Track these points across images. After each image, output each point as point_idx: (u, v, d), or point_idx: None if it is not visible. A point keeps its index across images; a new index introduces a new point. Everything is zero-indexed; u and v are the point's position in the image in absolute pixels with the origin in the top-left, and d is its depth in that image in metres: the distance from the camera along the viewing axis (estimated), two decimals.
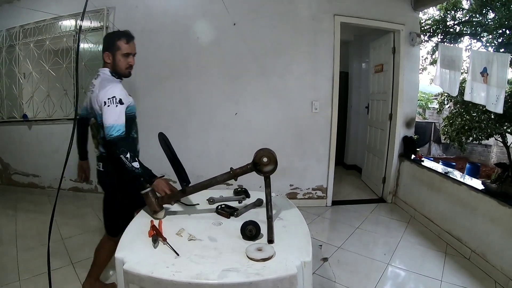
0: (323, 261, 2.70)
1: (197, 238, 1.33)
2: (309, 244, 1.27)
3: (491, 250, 2.69)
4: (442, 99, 6.83)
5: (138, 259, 1.18)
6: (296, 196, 3.87)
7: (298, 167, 3.82)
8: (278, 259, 1.16)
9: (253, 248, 1.23)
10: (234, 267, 1.10)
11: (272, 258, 1.18)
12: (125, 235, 1.39)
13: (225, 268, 1.10)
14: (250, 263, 1.12)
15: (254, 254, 1.19)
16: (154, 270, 1.11)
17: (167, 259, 1.18)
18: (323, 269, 2.58)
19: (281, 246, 1.26)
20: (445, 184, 3.33)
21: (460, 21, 7.02)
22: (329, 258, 2.74)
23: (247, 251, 1.21)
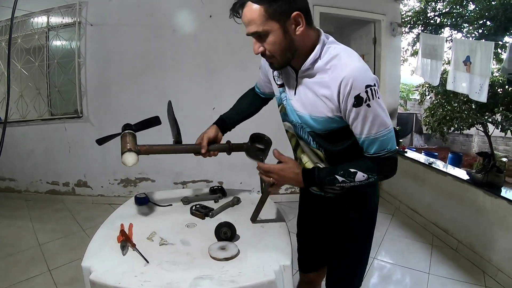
0: None
1: (169, 242, 1.24)
2: (289, 246, 1.20)
3: (478, 240, 2.67)
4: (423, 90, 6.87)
5: (106, 268, 1.09)
6: (278, 191, 3.77)
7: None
8: (255, 264, 1.08)
9: (216, 247, 1.16)
10: (207, 274, 1.02)
11: (236, 257, 1.12)
12: (93, 241, 1.29)
13: (197, 275, 1.01)
14: (225, 270, 1.04)
15: (216, 253, 1.13)
16: (122, 279, 1.02)
17: (136, 267, 1.09)
18: None
19: (259, 249, 1.18)
20: (430, 175, 3.31)
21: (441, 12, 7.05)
22: None
23: (209, 250, 1.14)
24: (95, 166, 3.97)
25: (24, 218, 3.63)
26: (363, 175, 1.09)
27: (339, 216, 1.34)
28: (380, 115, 1.03)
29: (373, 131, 1.04)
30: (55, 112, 3.98)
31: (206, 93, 3.70)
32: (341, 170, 1.12)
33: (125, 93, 3.73)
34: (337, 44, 1.11)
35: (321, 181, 1.15)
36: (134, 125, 1.49)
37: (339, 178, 1.11)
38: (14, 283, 2.41)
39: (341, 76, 1.01)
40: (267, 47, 1.06)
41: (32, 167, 4.12)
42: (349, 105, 1.02)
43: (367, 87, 0.99)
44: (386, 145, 1.06)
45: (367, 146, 1.08)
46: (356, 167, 1.10)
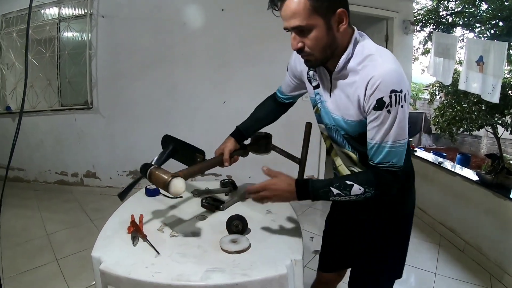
0: (314, 253, 2.64)
1: (180, 234, 1.24)
2: (300, 240, 1.19)
3: (485, 242, 2.64)
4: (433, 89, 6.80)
5: (116, 259, 1.09)
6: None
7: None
8: (267, 257, 1.08)
9: (227, 240, 1.16)
10: (218, 267, 1.02)
11: (248, 250, 1.12)
12: (103, 231, 1.30)
13: (209, 268, 1.01)
14: (236, 263, 1.04)
15: (228, 246, 1.12)
16: (132, 271, 1.02)
17: (146, 258, 1.09)
18: (315, 262, 2.49)
19: (270, 242, 1.18)
20: (439, 174, 3.28)
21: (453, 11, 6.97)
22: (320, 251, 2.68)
23: (221, 242, 1.14)
24: (104, 157, 3.99)
25: (32, 208, 3.66)
26: (359, 188, 1.03)
27: (370, 220, 1.30)
28: (399, 125, 0.97)
29: (386, 139, 0.99)
30: (65, 103, 4.00)
31: (216, 87, 3.69)
32: (337, 182, 1.06)
33: (135, 86, 3.74)
34: (370, 43, 1.05)
35: (315, 193, 1.07)
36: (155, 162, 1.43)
37: (334, 191, 1.05)
38: (21, 272, 2.43)
39: (369, 76, 0.97)
40: (307, 43, 1.01)
41: (41, 158, 4.14)
42: (370, 106, 0.98)
43: (393, 92, 0.93)
44: (393, 158, 1.01)
45: (373, 153, 1.03)
46: (353, 180, 1.04)
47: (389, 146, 0.99)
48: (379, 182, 1.03)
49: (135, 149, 3.87)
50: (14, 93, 4.01)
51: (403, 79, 0.95)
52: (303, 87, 1.34)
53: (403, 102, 0.95)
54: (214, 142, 3.56)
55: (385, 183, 1.04)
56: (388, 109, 0.95)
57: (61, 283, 2.31)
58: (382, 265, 1.31)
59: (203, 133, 3.68)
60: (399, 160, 1.02)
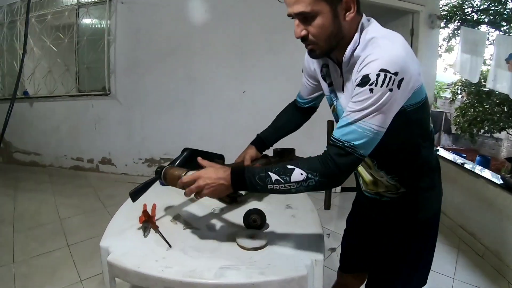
0: (330, 251, 2.56)
1: (194, 227, 1.18)
2: (322, 239, 1.11)
3: (506, 248, 2.51)
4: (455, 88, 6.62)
5: (125, 250, 1.04)
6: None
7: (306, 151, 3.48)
8: (286, 256, 1.00)
9: (244, 235, 1.09)
10: (234, 264, 0.95)
11: (265, 248, 1.05)
12: (113, 220, 1.25)
13: (223, 264, 0.94)
14: (253, 260, 0.97)
15: (244, 242, 1.05)
16: (142, 263, 0.96)
17: (157, 250, 1.03)
18: (331, 260, 2.43)
19: (289, 240, 1.10)
20: (462, 175, 3.14)
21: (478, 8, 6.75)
22: (337, 248, 2.60)
23: (237, 238, 1.07)
24: (120, 144, 3.98)
25: (46, 192, 3.67)
26: (301, 173, 0.89)
27: (387, 223, 1.19)
28: (379, 108, 0.84)
29: (357, 117, 0.86)
30: (83, 89, 4.00)
31: (236, 77, 3.60)
32: (276, 167, 0.94)
33: (153, 73, 3.69)
34: (376, 27, 0.95)
35: (251, 178, 0.94)
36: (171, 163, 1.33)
37: (272, 176, 0.91)
38: (32, 256, 2.42)
39: (366, 55, 0.88)
40: (312, 30, 0.92)
41: (57, 143, 4.16)
42: (355, 82, 0.88)
43: (382, 71, 0.82)
44: (357, 139, 0.86)
45: (338, 127, 0.90)
46: (295, 164, 0.92)
47: (357, 125, 0.86)
48: (325, 167, 0.89)
49: (151, 137, 3.84)
50: (32, 78, 4.02)
51: (404, 64, 0.83)
52: (321, 88, 1.23)
53: (394, 86, 0.83)
54: (232, 133, 3.56)
55: (333, 170, 0.89)
56: (371, 87, 0.83)
57: (71, 269, 2.29)
58: (398, 273, 1.20)
59: (221, 123, 3.63)
60: (362, 146, 0.87)
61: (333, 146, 0.89)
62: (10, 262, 2.36)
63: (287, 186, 0.91)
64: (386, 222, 1.20)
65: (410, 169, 1.08)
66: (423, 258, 1.19)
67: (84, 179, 4.08)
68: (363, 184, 1.21)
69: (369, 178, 1.16)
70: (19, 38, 3.97)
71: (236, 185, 0.97)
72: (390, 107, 0.85)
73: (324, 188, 0.96)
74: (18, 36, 3.98)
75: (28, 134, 4.26)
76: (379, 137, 0.88)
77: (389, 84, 0.82)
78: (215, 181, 0.97)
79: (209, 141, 3.66)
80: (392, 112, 0.87)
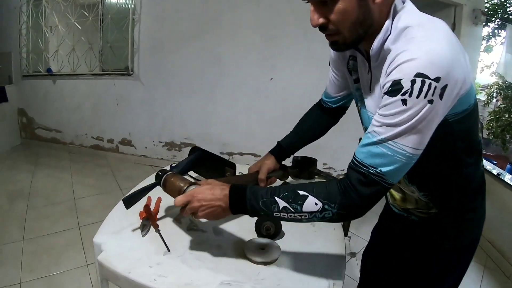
0: (350, 256, 2.40)
1: (199, 229, 1.04)
2: (343, 258, 0.96)
3: None
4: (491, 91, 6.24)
5: (119, 250, 0.92)
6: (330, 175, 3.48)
7: (333, 146, 3.29)
8: (299, 275, 0.85)
9: (254, 245, 0.94)
10: (237, 280, 0.80)
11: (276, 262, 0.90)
12: (112, 213, 1.13)
13: (224, 280, 0.80)
14: (260, 277, 0.82)
15: (253, 254, 0.91)
16: (134, 268, 0.84)
17: (153, 254, 0.90)
18: (349, 266, 2.27)
19: (305, 256, 0.95)
20: (496, 187, 2.88)
21: None
22: (357, 253, 2.44)
23: (245, 248, 0.93)
24: (140, 126, 3.90)
25: (65, 170, 3.65)
26: (315, 203, 0.73)
27: (419, 243, 0.96)
28: (414, 125, 0.65)
29: (387, 134, 0.67)
30: (106, 68, 3.93)
31: (264, 62, 3.40)
32: (285, 191, 0.77)
33: (178, 55, 3.56)
34: (411, 12, 0.73)
35: (253, 201, 0.78)
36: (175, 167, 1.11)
37: (279, 202, 0.75)
38: (42, 235, 2.39)
39: (397, 51, 0.67)
40: (332, 17, 0.72)
41: (78, 121, 4.13)
42: (383, 88, 0.68)
43: (419, 77, 0.61)
44: (384, 164, 0.68)
45: (361, 147, 0.72)
46: (309, 190, 0.75)
47: (386, 146, 0.67)
48: (345, 198, 0.72)
49: (173, 120, 3.74)
50: (56, 56, 3.98)
51: (448, 66, 0.62)
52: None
53: (435, 96, 0.62)
54: (257, 121, 3.41)
55: (353, 201, 0.72)
56: (404, 98, 0.63)
57: (79, 251, 2.23)
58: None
59: (246, 110, 3.47)
60: (392, 174, 0.69)
61: (355, 171, 0.71)
62: (20, 239, 2.33)
63: (297, 216, 0.75)
64: (412, 240, 0.98)
65: (447, 188, 0.86)
66: (446, 284, 0.99)
67: (104, 159, 4.05)
68: (390, 198, 1.02)
69: (398, 193, 0.97)
70: (45, 15, 3.93)
71: (235, 208, 0.81)
72: (429, 123, 0.65)
73: (342, 220, 0.79)
74: (43, 13, 3.93)
75: (50, 111, 4.24)
76: (414, 162, 0.69)
77: (428, 94, 0.62)
78: (210, 202, 0.82)
79: (232, 127, 3.53)
80: (431, 129, 0.67)
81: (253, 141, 3.52)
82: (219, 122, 3.57)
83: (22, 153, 4.26)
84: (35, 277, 1.96)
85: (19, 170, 3.65)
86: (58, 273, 2.01)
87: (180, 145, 3.80)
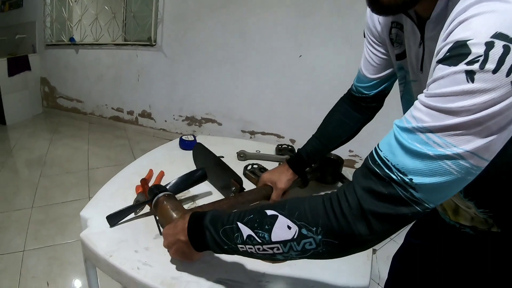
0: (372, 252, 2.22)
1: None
2: (369, 259, 0.79)
3: None
4: None
5: (104, 228, 0.79)
6: (354, 164, 3.16)
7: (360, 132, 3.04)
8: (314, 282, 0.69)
9: None
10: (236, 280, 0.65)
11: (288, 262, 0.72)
12: (108, 185, 1.01)
13: (222, 277, 0.65)
14: (265, 280, 0.66)
15: None
16: (116, 251, 0.71)
17: (142, 237, 0.77)
18: None
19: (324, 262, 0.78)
20: None
21: None
22: (378, 250, 2.26)
23: None
24: (161, 99, 3.79)
25: (82, 140, 3.61)
26: (288, 226, 0.50)
27: (473, 265, 0.72)
28: (482, 120, 0.38)
29: (434, 124, 0.41)
30: (129, 38, 3.82)
31: (293, 39, 3.15)
32: (251, 213, 0.56)
33: (202, 26, 3.38)
34: None
35: (213, 233, 0.58)
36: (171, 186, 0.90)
37: (243, 230, 0.54)
38: (51, 204, 2.33)
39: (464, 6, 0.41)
40: None
41: (99, 91, 4.06)
42: (438, 53, 0.43)
43: (501, 39, 0.36)
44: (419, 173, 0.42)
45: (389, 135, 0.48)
46: (279, 207, 0.53)
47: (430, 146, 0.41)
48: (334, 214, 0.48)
49: (195, 94, 3.59)
50: (79, 25, 3.89)
51: None
52: None
53: None
54: (283, 100, 3.20)
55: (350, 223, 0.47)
56: (470, 68, 0.38)
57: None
58: None
59: (271, 87, 3.26)
60: (428, 192, 0.43)
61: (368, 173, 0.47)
62: (29, 207, 2.28)
63: (267, 249, 0.53)
64: (463, 256, 0.75)
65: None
66: None
67: (123, 130, 3.99)
68: (438, 206, 0.77)
69: (449, 204, 0.72)
70: None
71: (196, 243, 0.62)
72: (507, 117, 0.39)
73: (334, 256, 0.51)
74: None
75: (72, 81, 4.19)
76: (472, 178, 0.43)
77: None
78: (172, 238, 0.66)
79: (255, 105, 3.35)
80: (510, 130, 0.41)
81: (277, 121, 3.33)
82: (242, 99, 3.39)
83: (43, 122, 4.25)
84: (38, 245, 1.90)
85: (38, 138, 3.63)
86: (62, 243, 1.93)
87: (200, 120, 3.67)
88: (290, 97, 3.16)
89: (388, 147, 0.45)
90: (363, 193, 0.46)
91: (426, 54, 0.58)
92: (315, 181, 1.12)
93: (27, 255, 1.83)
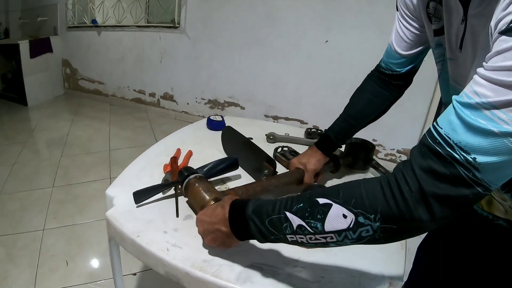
0: None
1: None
2: (403, 248, 0.74)
3: None
4: None
5: (130, 207, 0.77)
6: (376, 154, 3.11)
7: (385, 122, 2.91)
8: (349, 270, 0.65)
9: None
10: (271, 264, 0.62)
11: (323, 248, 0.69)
12: (134, 163, 0.99)
13: (255, 261, 0.63)
14: (299, 266, 0.63)
15: None
16: (144, 231, 0.68)
17: (171, 218, 0.74)
18: None
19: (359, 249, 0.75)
20: None
21: None
22: None
23: None
24: (184, 81, 3.76)
25: (104, 121, 3.63)
26: (343, 214, 0.47)
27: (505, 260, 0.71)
28: None
29: (498, 99, 0.37)
30: (152, 20, 3.78)
31: (320, 23, 3.05)
32: (300, 201, 0.52)
33: (227, 8, 3.31)
34: None
35: (257, 223, 0.55)
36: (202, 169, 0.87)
37: (292, 220, 0.51)
38: (71, 184, 2.34)
39: None
40: None
41: (121, 73, 4.07)
42: (498, 25, 0.39)
43: None
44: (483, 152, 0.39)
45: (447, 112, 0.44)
46: (332, 195, 0.49)
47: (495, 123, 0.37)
48: (394, 199, 0.44)
49: (218, 77, 3.55)
50: (102, 7, 3.88)
51: None
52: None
53: None
54: (309, 85, 3.12)
55: (410, 206, 0.43)
56: None
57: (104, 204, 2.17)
58: None
59: (298, 72, 3.19)
60: (491, 172, 0.40)
61: (428, 151, 0.43)
62: (50, 186, 2.30)
63: (320, 238, 0.50)
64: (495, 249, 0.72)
65: None
66: None
67: (144, 112, 3.99)
68: None
69: None
70: None
71: (240, 234, 0.59)
72: None
73: (394, 240, 0.48)
74: None
75: (94, 63, 4.21)
76: None
77: None
78: (210, 226, 0.63)
79: (280, 90, 3.28)
80: None
81: (301, 107, 3.27)
82: (267, 83, 3.33)
83: (64, 103, 4.29)
84: (58, 225, 1.91)
85: (60, 118, 3.66)
86: (81, 223, 1.94)
87: (223, 103, 3.63)
88: (316, 83, 3.09)
89: (448, 124, 0.42)
90: (423, 174, 0.42)
91: (468, 32, 0.54)
92: (346, 167, 1.08)
93: (47, 234, 1.84)
